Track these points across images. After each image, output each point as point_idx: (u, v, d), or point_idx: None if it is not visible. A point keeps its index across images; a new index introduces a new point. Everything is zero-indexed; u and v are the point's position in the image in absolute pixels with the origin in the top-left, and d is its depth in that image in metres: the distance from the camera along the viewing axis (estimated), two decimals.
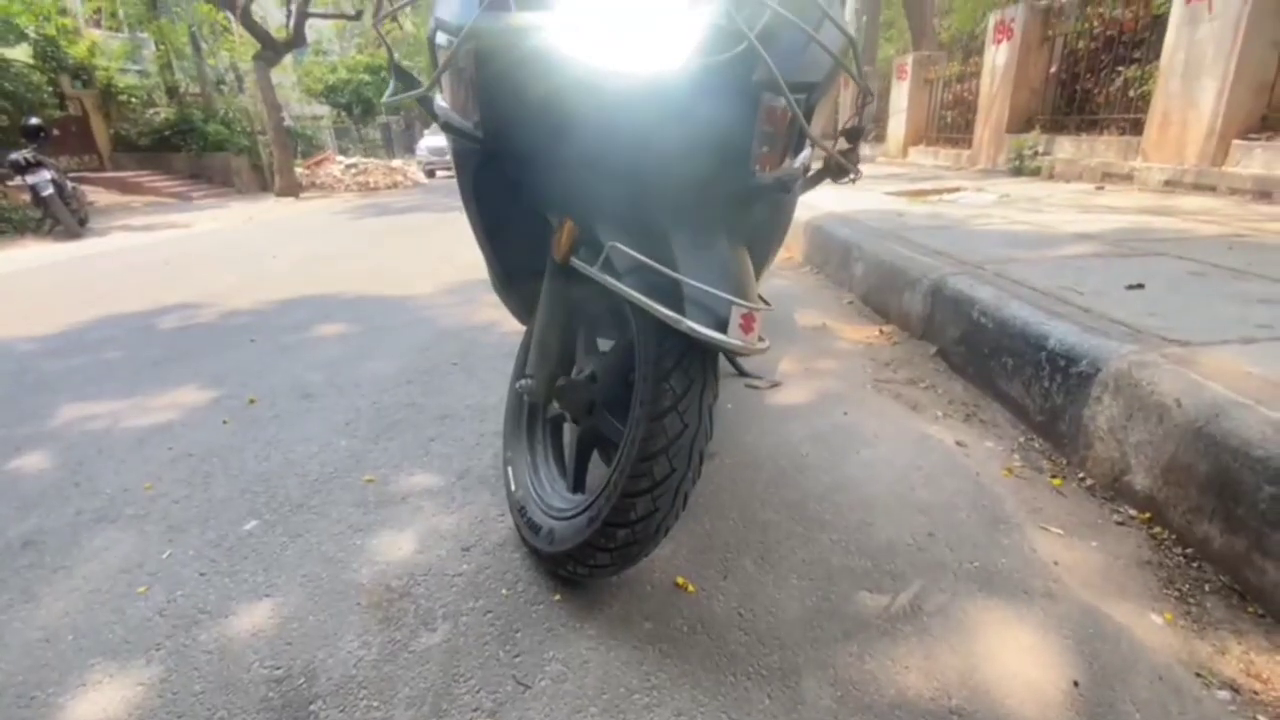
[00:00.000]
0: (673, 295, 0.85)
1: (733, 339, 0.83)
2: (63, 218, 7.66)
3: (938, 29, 12.71)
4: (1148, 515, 1.26)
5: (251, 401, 1.96)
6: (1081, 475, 1.41)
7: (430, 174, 16.77)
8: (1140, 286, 1.87)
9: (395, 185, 14.13)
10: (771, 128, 0.90)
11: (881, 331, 2.42)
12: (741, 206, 1.00)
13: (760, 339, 0.88)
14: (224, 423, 1.82)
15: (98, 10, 13.82)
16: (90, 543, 1.29)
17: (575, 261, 0.95)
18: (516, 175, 1.03)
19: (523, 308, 1.40)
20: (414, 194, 11.62)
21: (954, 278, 2.14)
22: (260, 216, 9.09)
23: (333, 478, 1.49)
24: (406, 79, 0.98)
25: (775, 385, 1.94)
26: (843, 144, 1.06)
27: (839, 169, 1.01)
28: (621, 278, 0.88)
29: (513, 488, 1.20)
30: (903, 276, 2.45)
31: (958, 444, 1.56)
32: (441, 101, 0.98)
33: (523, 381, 1.11)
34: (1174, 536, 1.20)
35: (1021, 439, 1.58)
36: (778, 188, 0.98)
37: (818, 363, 2.12)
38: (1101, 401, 1.39)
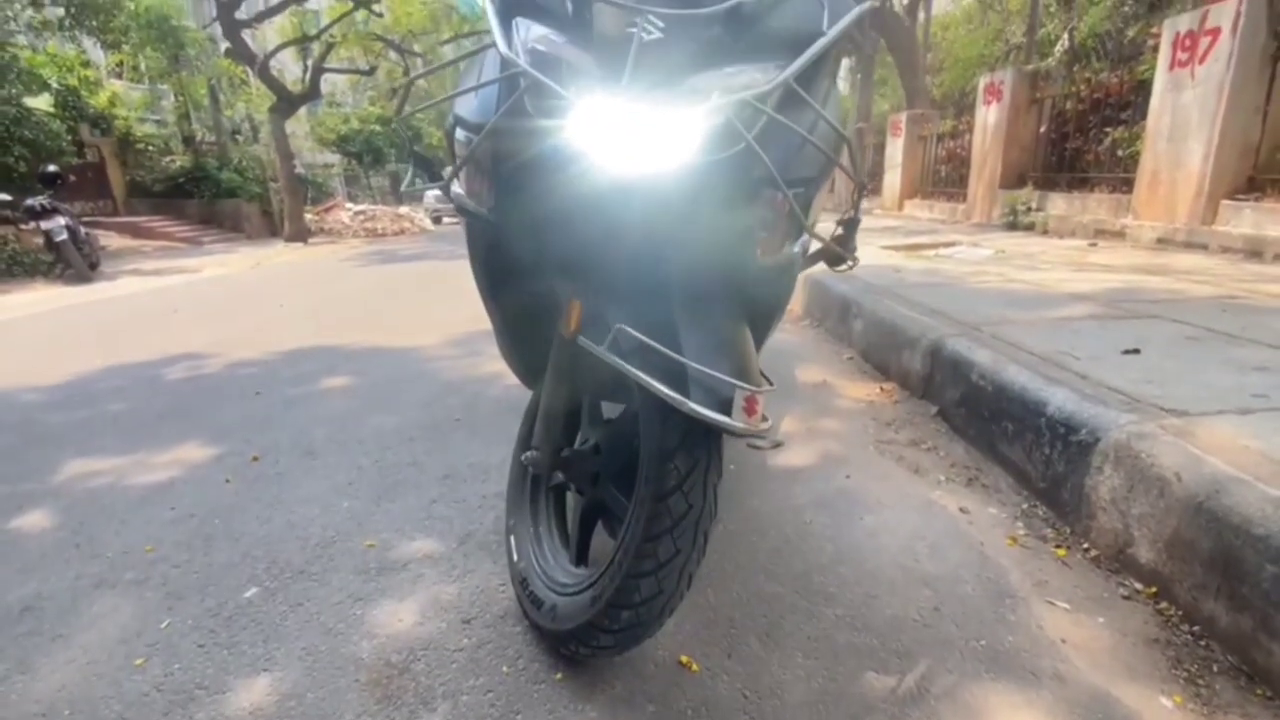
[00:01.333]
0: (677, 376, 0.87)
1: (736, 421, 0.85)
2: (74, 262, 7.80)
3: (930, 86, 13.15)
4: (1154, 590, 1.25)
5: (255, 459, 1.96)
6: (1086, 545, 1.41)
7: (436, 220, 17.24)
8: (1136, 352, 1.89)
9: (402, 231, 14.42)
10: (772, 215, 0.94)
11: (882, 389, 2.44)
12: (743, 287, 1.03)
13: (764, 418, 0.90)
14: (226, 481, 1.82)
15: (120, 63, 14.38)
16: (89, 609, 1.28)
17: (583, 340, 0.98)
18: (527, 255, 1.07)
19: (529, 373, 1.42)
20: (420, 241, 11.84)
21: (952, 339, 2.17)
22: (268, 262, 9.24)
23: (334, 542, 1.48)
24: (425, 165, 1.03)
25: (777, 445, 1.94)
26: (838, 231, 1.10)
27: (835, 257, 1.05)
28: (627, 357, 0.91)
29: (515, 558, 1.19)
30: (902, 335, 2.48)
31: (961, 510, 1.56)
32: (457, 188, 1.03)
33: (528, 454, 1.13)
34: (1181, 613, 1.19)
35: (1025, 506, 1.58)
36: (778, 270, 1.02)
37: (819, 422, 2.13)
38: (1102, 472, 1.40)
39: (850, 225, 1.04)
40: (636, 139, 0.82)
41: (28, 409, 2.61)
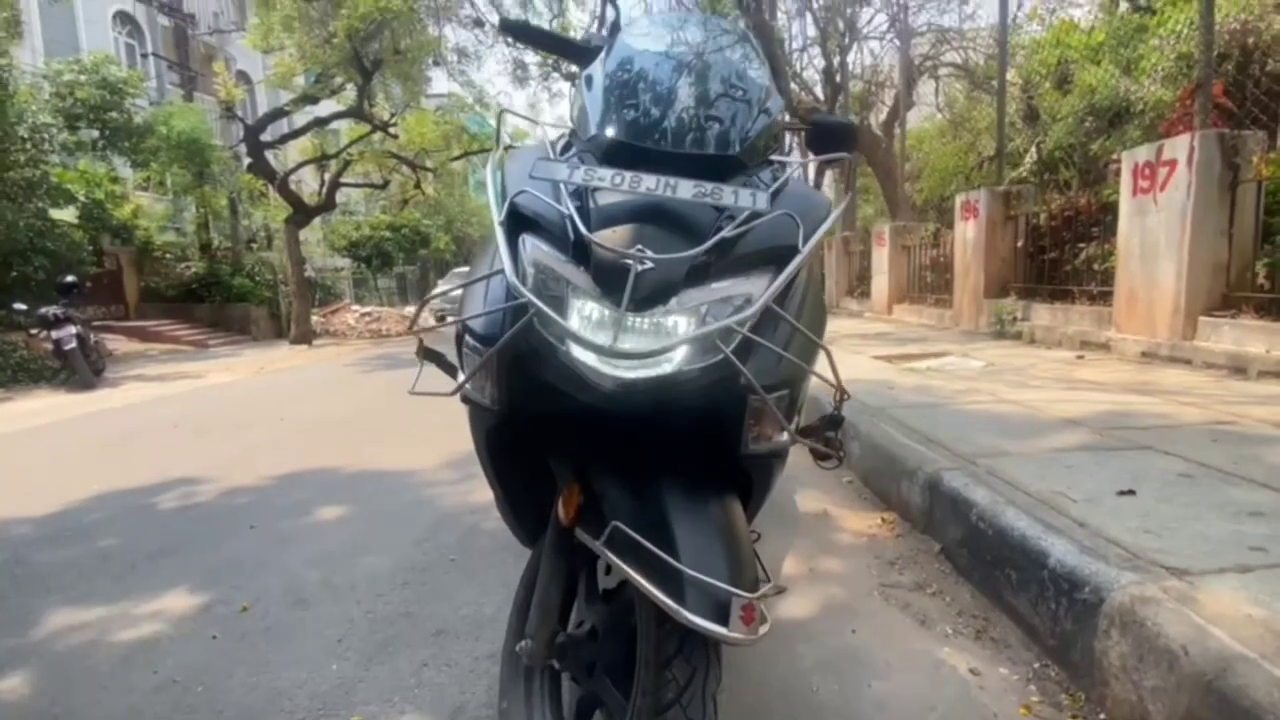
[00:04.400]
0: (674, 579, 0.88)
1: (734, 632, 0.85)
2: (80, 369, 7.92)
3: (911, 193, 13.92)
4: None
5: (244, 609, 1.92)
6: (1103, 716, 1.36)
7: (440, 319, 17.73)
8: (1131, 493, 1.90)
9: (406, 332, 14.74)
10: (760, 409, 0.99)
11: (883, 520, 2.43)
12: (735, 471, 1.06)
13: (764, 619, 0.90)
14: (214, 637, 1.77)
15: (148, 178, 15.25)
16: None
17: (580, 534, 1.00)
18: (527, 442, 1.11)
19: (527, 535, 1.43)
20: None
21: (949, 473, 2.19)
22: (272, 366, 9.38)
23: (320, 715, 1.42)
24: (439, 361, 1.10)
25: (781, 592, 1.90)
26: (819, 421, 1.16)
27: (821, 454, 1.09)
28: (623, 555, 0.92)
29: None
30: (900, 465, 2.49)
31: (971, 672, 1.51)
32: (462, 377, 1.09)
33: (522, 644, 1.11)
34: None
35: (1036, 664, 1.53)
36: (769, 454, 1.06)
37: (822, 561, 2.10)
38: (1110, 636, 1.37)
39: (835, 423, 1.09)
40: (632, 355, 0.88)
41: (17, 545, 2.57)
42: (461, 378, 1.10)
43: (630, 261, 0.87)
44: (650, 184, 0.94)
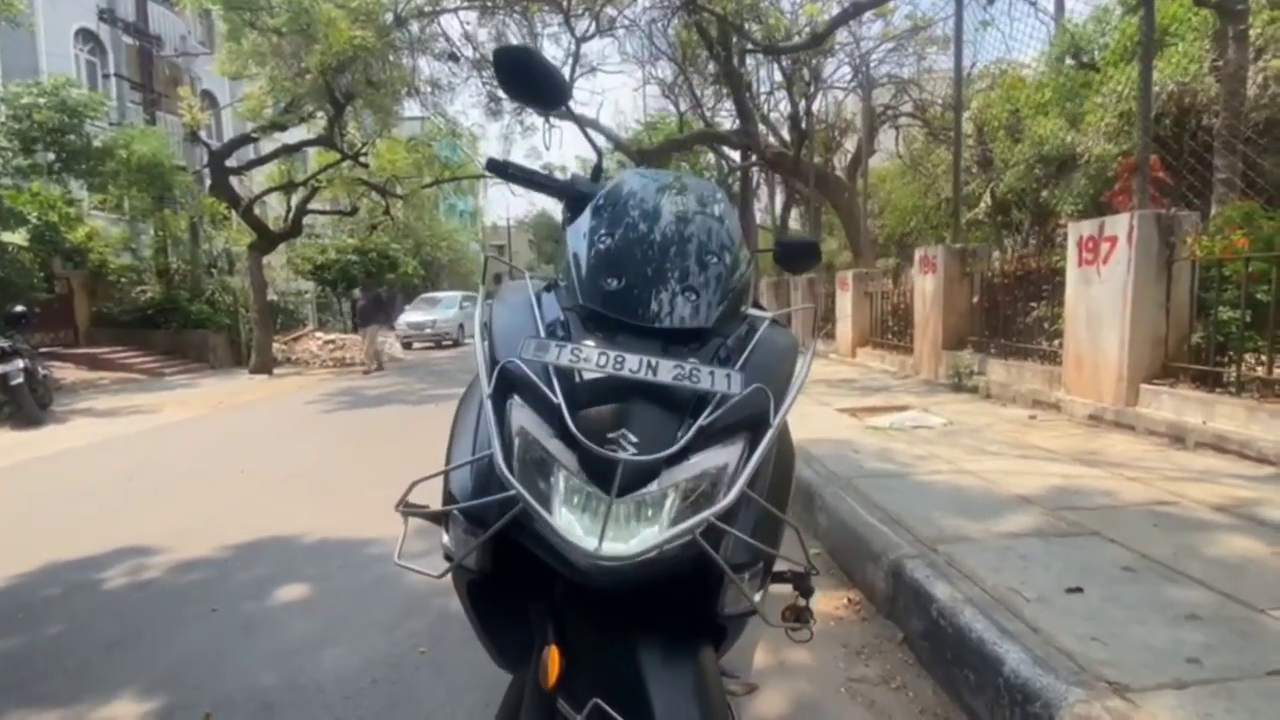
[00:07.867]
0: None
1: None
2: (25, 405, 7.60)
3: (874, 229, 14.38)
4: None
5: (206, 717, 1.87)
6: None
7: (407, 345, 17.70)
8: (1080, 590, 2.01)
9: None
10: (736, 581, 1.04)
11: (850, 601, 2.49)
12: (710, 629, 1.11)
13: None
14: None
15: (104, 201, 14.77)
16: None
17: (561, 705, 1.03)
18: (509, 599, 1.14)
19: (505, 662, 1.44)
20: (389, 374, 11.85)
21: (911, 562, 2.27)
22: (231, 400, 9.12)
23: None
24: (423, 515, 1.13)
25: (752, 690, 1.93)
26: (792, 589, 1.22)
27: (791, 627, 1.15)
28: None
29: None
30: (864, 546, 2.58)
31: None
32: (447, 541, 1.11)
33: None
34: None
35: None
36: (746, 614, 1.11)
37: (790, 653, 2.14)
38: None
39: (806, 591, 1.15)
40: (618, 559, 0.93)
41: None
42: (445, 538, 1.13)
43: (616, 451, 0.92)
44: (633, 365, 0.99)
